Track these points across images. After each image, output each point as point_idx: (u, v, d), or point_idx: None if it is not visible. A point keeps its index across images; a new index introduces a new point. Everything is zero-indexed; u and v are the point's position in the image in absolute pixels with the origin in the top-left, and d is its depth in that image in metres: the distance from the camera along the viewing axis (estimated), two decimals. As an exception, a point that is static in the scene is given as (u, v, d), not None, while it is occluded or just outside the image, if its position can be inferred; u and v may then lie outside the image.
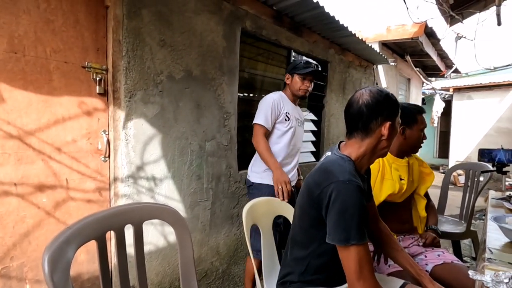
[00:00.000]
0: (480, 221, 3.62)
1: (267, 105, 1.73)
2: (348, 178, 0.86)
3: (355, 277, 0.83)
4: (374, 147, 0.97)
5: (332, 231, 0.85)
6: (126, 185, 1.49)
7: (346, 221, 0.83)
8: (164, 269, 1.69)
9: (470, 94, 7.86)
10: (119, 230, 0.93)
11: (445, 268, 1.35)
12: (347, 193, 0.84)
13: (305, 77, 1.78)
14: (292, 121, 1.80)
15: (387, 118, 0.95)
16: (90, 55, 1.40)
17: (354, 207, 0.83)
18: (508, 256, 0.84)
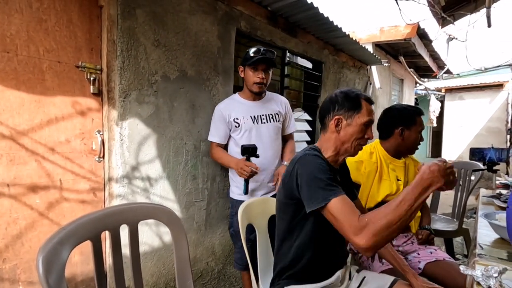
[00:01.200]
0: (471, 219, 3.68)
1: (214, 119, 1.71)
2: (305, 152, 0.97)
3: (347, 229, 0.79)
4: (334, 141, 1.03)
5: (309, 199, 0.88)
6: (121, 185, 1.48)
7: (317, 184, 0.87)
8: (159, 269, 1.68)
9: (462, 95, 8.00)
10: (114, 230, 0.93)
11: (437, 265, 1.38)
12: (307, 163, 0.92)
13: (256, 67, 1.61)
14: (245, 123, 1.67)
15: (337, 112, 1.02)
16: (83, 55, 1.39)
17: (318, 171, 0.89)
18: (498, 251, 0.86)
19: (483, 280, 0.64)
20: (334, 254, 1.09)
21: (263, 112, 1.72)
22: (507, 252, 0.86)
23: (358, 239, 0.76)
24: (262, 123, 1.71)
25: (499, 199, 1.48)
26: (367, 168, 1.44)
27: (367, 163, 1.45)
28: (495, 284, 0.62)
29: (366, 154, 1.49)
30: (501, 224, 0.90)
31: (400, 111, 1.48)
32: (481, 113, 7.68)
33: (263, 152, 1.65)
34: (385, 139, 1.51)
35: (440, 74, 6.26)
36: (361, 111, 1.00)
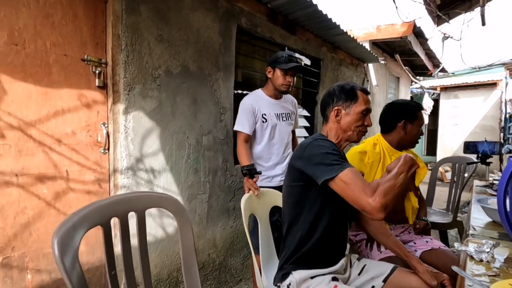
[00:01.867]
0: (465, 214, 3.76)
1: (243, 111, 1.77)
2: (315, 138, 1.05)
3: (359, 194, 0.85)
4: (336, 130, 1.13)
5: (321, 172, 0.93)
6: (126, 177, 1.52)
7: (327, 160, 0.94)
8: (162, 260, 1.71)
9: (457, 93, 8.11)
10: (123, 217, 0.96)
11: (432, 253, 1.43)
12: (317, 144, 1.00)
13: (287, 72, 1.75)
14: (271, 119, 1.81)
15: (336, 103, 1.12)
16: (89, 49, 1.42)
17: (330, 149, 0.97)
18: (490, 232, 0.91)
19: (475, 254, 0.69)
20: (338, 240, 1.13)
21: (283, 110, 1.88)
22: (498, 232, 0.91)
23: (371, 199, 0.83)
24: (283, 120, 1.87)
25: (492, 188, 1.54)
26: (370, 158, 1.48)
27: (370, 153, 1.49)
28: (487, 257, 0.67)
29: (370, 145, 1.53)
30: (494, 207, 0.96)
31: (402, 105, 1.53)
32: (475, 111, 7.80)
33: (280, 146, 1.86)
34: (387, 133, 1.55)
35: (436, 72, 6.35)
36: (358, 101, 1.10)
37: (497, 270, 0.65)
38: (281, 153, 1.87)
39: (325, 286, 1.01)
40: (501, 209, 0.80)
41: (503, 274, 0.64)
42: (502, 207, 0.79)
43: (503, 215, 0.79)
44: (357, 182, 0.87)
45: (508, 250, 0.77)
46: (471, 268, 0.67)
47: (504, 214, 0.79)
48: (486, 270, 0.66)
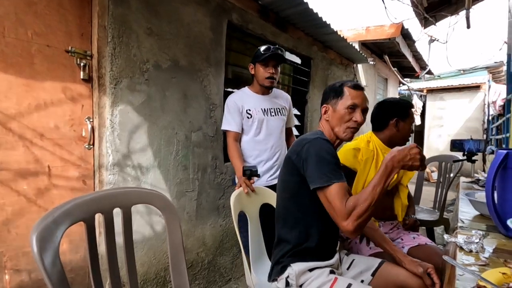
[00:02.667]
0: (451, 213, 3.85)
1: (228, 109, 1.74)
2: (316, 136, 1.02)
3: (338, 213, 0.88)
4: (327, 128, 1.13)
5: (314, 178, 0.94)
6: (111, 173, 1.47)
7: (324, 166, 0.94)
8: (149, 259, 1.67)
9: (442, 95, 8.31)
10: (108, 213, 0.93)
11: (419, 249, 1.44)
12: (318, 146, 0.98)
13: (266, 63, 1.69)
14: (256, 114, 1.75)
15: (325, 103, 1.14)
16: (74, 40, 1.37)
17: (327, 154, 0.95)
18: (478, 224, 0.92)
19: (465, 245, 0.69)
20: (334, 234, 1.12)
21: (271, 105, 1.81)
22: (486, 225, 0.92)
23: (345, 223, 0.87)
24: (271, 115, 1.80)
25: (478, 184, 1.58)
26: (364, 155, 1.49)
27: (364, 150, 1.50)
28: (476, 248, 0.68)
29: (364, 142, 1.54)
30: (481, 201, 0.97)
31: (394, 104, 1.54)
32: (460, 113, 8.02)
33: (268, 142, 1.79)
34: (380, 131, 1.56)
35: (422, 74, 6.49)
36: (343, 96, 1.08)
37: (486, 260, 0.65)
38: (269, 149, 1.79)
39: (325, 278, 1.01)
40: (489, 202, 0.81)
41: (492, 263, 0.64)
42: (491, 200, 0.80)
43: (491, 208, 0.80)
44: (336, 204, 0.89)
45: (496, 241, 0.78)
46: (460, 259, 0.67)
47: (493, 207, 0.80)
48: (476, 260, 0.66)
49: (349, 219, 0.86)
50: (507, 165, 0.79)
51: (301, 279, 1.03)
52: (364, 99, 1.11)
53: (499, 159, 0.78)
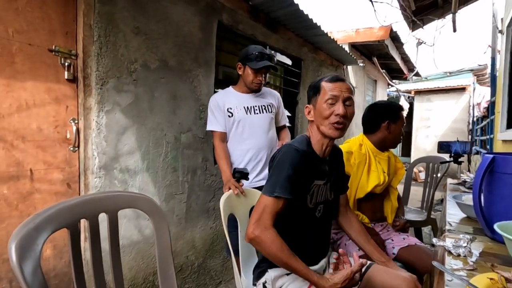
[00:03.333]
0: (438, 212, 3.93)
1: (211, 109, 1.70)
2: (291, 143, 1.00)
3: (255, 217, 0.92)
4: (314, 128, 1.07)
5: (265, 185, 0.96)
6: (97, 176, 1.43)
7: (276, 177, 0.93)
8: (137, 263, 1.63)
9: (430, 97, 8.50)
10: (93, 219, 0.90)
11: (409, 249, 1.46)
12: (284, 153, 0.97)
13: (258, 70, 1.64)
14: (238, 113, 1.67)
15: (308, 103, 1.09)
16: (58, 39, 1.32)
17: (285, 164, 0.94)
18: (465, 227, 0.93)
19: (453, 249, 0.69)
20: (317, 241, 1.10)
21: (256, 103, 1.73)
22: (472, 227, 0.93)
23: (251, 229, 0.91)
24: (255, 113, 1.71)
25: (464, 186, 1.61)
26: (356, 159, 1.49)
27: (356, 154, 1.50)
28: (464, 252, 0.68)
29: (356, 145, 1.54)
30: (468, 203, 0.98)
31: (385, 106, 1.55)
32: (446, 114, 8.21)
33: (254, 141, 1.71)
34: (371, 133, 1.57)
35: (410, 76, 6.61)
36: (320, 92, 1.03)
37: (474, 264, 0.65)
38: (252, 148, 1.70)
39: (301, 282, 0.98)
40: (476, 205, 0.82)
41: (480, 268, 0.65)
42: (478, 203, 0.81)
43: (478, 211, 0.81)
44: (258, 211, 0.93)
45: (483, 244, 0.79)
46: (449, 263, 0.67)
47: (479, 210, 0.81)
48: (464, 264, 0.67)
49: (255, 230, 0.90)
50: (493, 169, 0.80)
51: (278, 283, 1.02)
52: (344, 88, 1.01)
53: (486, 163, 0.79)
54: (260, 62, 1.61)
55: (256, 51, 1.62)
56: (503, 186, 0.79)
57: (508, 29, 3.13)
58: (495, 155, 0.80)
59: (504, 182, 0.79)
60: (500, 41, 3.68)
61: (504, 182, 0.79)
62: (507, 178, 0.78)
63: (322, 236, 1.13)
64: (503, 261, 0.67)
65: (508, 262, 0.66)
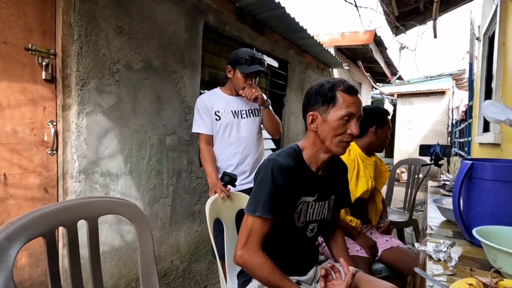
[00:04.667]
0: (419, 213, 4.05)
1: (197, 110, 1.65)
2: (274, 157, 0.91)
3: (242, 240, 0.88)
4: (314, 139, 0.96)
5: (247, 202, 0.91)
6: (77, 180, 1.38)
7: (258, 195, 0.88)
8: (119, 270, 1.59)
9: (412, 100, 8.76)
10: (71, 226, 0.86)
11: (392, 251, 1.49)
12: (266, 170, 0.89)
13: (248, 74, 1.59)
14: (225, 117, 1.64)
15: (311, 109, 0.94)
16: (35, 37, 1.27)
17: (267, 183, 0.88)
18: (445, 231, 0.96)
19: (434, 254, 0.71)
20: (305, 257, 1.06)
21: (244, 107, 1.69)
22: (452, 231, 0.96)
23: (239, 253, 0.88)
24: (242, 117, 1.68)
25: (444, 189, 1.66)
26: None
27: (345, 160, 1.50)
28: (444, 256, 0.70)
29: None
30: (448, 207, 1.01)
31: (373, 111, 1.57)
32: (427, 117, 8.49)
33: (242, 145, 1.67)
34: (359, 138, 1.58)
35: (393, 79, 6.79)
36: (336, 104, 0.89)
37: (453, 268, 0.67)
38: (240, 153, 1.67)
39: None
40: (455, 210, 0.84)
41: (459, 272, 0.66)
42: (457, 208, 0.83)
43: (457, 216, 0.84)
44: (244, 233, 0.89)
45: (462, 248, 0.82)
46: (430, 268, 0.69)
47: (459, 215, 0.83)
48: (444, 269, 0.68)
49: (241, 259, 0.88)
50: (471, 175, 0.83)
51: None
52: (360, 105, 0.92)
53: (465, 169, 0.81)
54: (251, 66, 1.57)
55: (246, 55, 1.58)
56: (480, 192, 0.82)
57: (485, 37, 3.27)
58: (473, 161, 0.83)
59: (481, 187, 0.81)
60: (477, 48, 3.84)
61: (481, 187, 0.81)
62: (484, 184, 0.80)
63: (312, 251, 1.10)
64: (481, 265, 0.70)
65: (486, 266, 0.68)
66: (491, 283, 0.54)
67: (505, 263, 0.60)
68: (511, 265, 0.60)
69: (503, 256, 0.60)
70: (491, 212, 0.79)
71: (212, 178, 1.57)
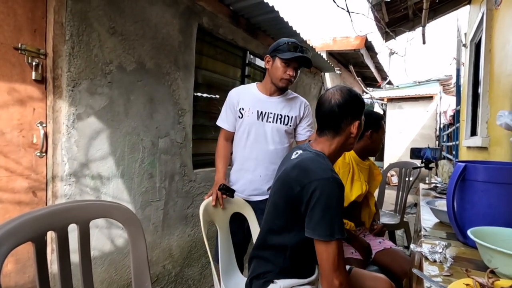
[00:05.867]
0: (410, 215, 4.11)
1: (225, 103, 1.55)
2: (331, 175, 0.87)
3: (332, 268, 0.84)
4: (343, 144, 1.00)
5: (316, 227, 0.85)
6: (67, 184, 1.34)
7: (331, 218, 0.84)
8: (110, 275, 1.55)
9: (401, 104, 8.93)
10: (62, 231, 0.83)
11: (385, 253, 1.51)
12: (332, 190, 0.85)
13: (289, 63, 1.41)
14: (248, 116, 1.49)
15: (356, 117, 0.99)
16: (24, 36, 1.23)
17: (338, 204, 0.85)
18: (439, 232, 0.97)
19: (429, 255, 0.72)
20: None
21: (273, 110, 1.50)
22: (446, 232, 0.98)
23: (337, 282, 0.84)
24: (268, 121, 1.49)
25: (435, 191, 1.69)
26: (341, 168, 1.50)
27: (341, 164, 1.51)
28: (440, 258, 0.71)
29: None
30: (441, 209, 1.03)
31: (368, 115, 1.57)
32: (416, 121, 8.67)
33: (256, 151, 1.50)
34: None
35: (383, 84, 6.91)
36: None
37: (449, 269, 0.68)
38: (253, 159, 1.50)
39: None
40: (450, 211, 0.86)
41: (455, 273, 0.67)
42: (451, 210, 0.84)
43: (452, 217, 0.85)
44: (330, 259, 0.85)
45: (456, 249, 0.83)
46: (426, 269, 0.69)
47: (453, 216, 0.84)
48: (440, 270, 0.69)
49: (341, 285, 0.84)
50: (465, 177, 0.84)
51: None
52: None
53: (458, 171, 0.83)
54: (294, 52, 1.39)
55: (289, 41, 1.41)
56: (474, 193, 0.84)
57: (471, 43, 3.36)
58: (466, 163, 0.84)
59: (475, 189, 0.83)
60: (464, 54, 3.95)
61: (475, 189, 0.83)
62: (478, 185, 0.82)
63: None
64: (476, 266, 0.71)
65: (481, 267, 0.69)
66: (488, 283, 0.55)
67: (501, 263, 0.61)
68: (506, 265, 0.61)
69: (498, 256, 0.61)
70: (485, 213, 0.81)
71: (218, 176, 1.50)
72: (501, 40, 2.15)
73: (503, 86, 2.03)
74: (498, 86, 2.21)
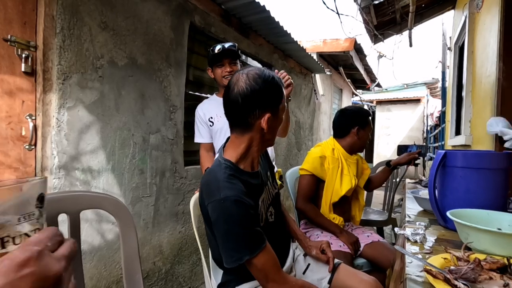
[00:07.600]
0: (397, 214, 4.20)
1: (196, 121, 1.68)
2: (223, 195, 0.76)
3: (265, 280, 0.80)
4: (259, 140, 0.86)
5: (223, 254, 0.79)
6: (56, 177, 1.33)
7: (234, 242, 0.76)
8: (99, 271, 1.53)
9: (389, 107, 9.12)
10: (51, 220, 0.84)
11: (373, 246, 1.54)
12: (226, 213, 0.75)
13: (222, 63, 1.55)
14: (218, 121, 1.61)
15: (266, 109, 0.82)
16: (14, 28, 1.23)
17: (238, 224, 0.75)
18: (422, 219, 1.02)
19: (411, 236, 0.75)
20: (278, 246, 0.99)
21: None
22: (428, 218, 1.02)
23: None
24: None
25: (421, 184, 1.75)
26: (331, 164, 1.53)
27: (330, 159, 1.54)
28: (420, 238, 0.74)
29: (329, 150, 1.58)
30: (424, 197, 1.07)
31: (356, 112, 1.63)
32: (404, 123, 8.87)
33: None
34: (341, 137, 1.63)
35: (372, 87, 7.05)
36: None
37: (429, 248, 0.71)
38: None
39: None
40: (431, 197, 0.90)
41: (435, 251, 0.71)
42: (433, 195, 0.88)
43: (433, 202, 0.89)
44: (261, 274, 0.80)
45: (437, 232, 0.87)
46: (408, 249, 0.73)
47: (434, 201, 0.88)
48: (420, 249, 0.73)
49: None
50: (445, 163, 0.88)
51: None
52: None
53: (439, 158, 0.87)
54: (217, 52, 1.53)
55: (215, 49, 1.54)
56: (453, 180, 0.88)
57: (455, 46, 3.49)
58: (446, 150, 0.89)
59: (454, 175, 0.87)
60: (449, 57, 4.09)
61: (454, 175, 0.87)
62: (457, 171, 0.86)
63: (282, 237, 1.08)
64: (454, 245, 0.74)
65: (459, 245, 0.72)
66: (464, 256, 0.58)
67: (475, 238, 0.65)
68: (479, 240, 0.64)
69: (474, 233, 0.65)
70: (464, 198, 0.85)
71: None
72: (482, 42, 2.25)
73: (484, 86, 2.12)
74: (479, 86, 2.30)
